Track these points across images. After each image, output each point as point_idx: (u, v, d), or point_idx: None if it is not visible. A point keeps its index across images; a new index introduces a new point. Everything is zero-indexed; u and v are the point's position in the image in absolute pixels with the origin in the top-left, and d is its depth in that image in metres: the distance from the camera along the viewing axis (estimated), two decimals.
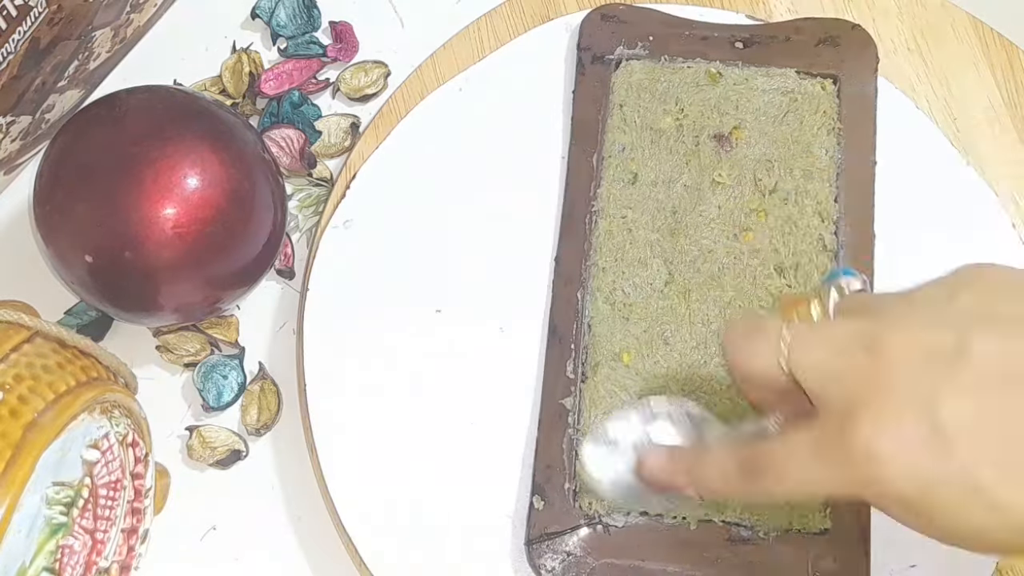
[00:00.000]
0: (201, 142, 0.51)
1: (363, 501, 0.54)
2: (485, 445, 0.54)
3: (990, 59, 0.60)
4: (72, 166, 0.51)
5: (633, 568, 0.51)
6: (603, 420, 0.49)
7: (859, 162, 0.57)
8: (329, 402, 0.55)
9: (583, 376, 0.54)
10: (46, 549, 0.43)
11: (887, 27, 0.60)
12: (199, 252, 0.51)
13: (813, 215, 0.56)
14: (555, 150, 0.59)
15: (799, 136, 0.57)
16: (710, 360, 0.54)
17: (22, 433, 0.42)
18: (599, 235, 0.56)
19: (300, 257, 0.59)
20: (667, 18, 0.60)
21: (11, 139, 0.56)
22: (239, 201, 0.52)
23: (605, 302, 0.55)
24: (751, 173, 0.57)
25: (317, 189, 0.60)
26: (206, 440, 0.56)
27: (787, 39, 0.59)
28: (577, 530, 0.52)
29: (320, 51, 0.62)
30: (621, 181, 0.57)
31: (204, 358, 0.57)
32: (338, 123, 0.61)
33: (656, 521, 0.52)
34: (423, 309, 0.56)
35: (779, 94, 0.58)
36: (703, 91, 0.58)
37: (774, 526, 0.52)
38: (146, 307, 0.53)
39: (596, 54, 0.59)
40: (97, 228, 0.50)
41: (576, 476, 0.52)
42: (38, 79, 0.54)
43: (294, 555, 0.55)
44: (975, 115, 0.59)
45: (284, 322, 0.59)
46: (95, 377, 0.47)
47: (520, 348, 0.56)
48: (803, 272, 0.55)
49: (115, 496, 0.47)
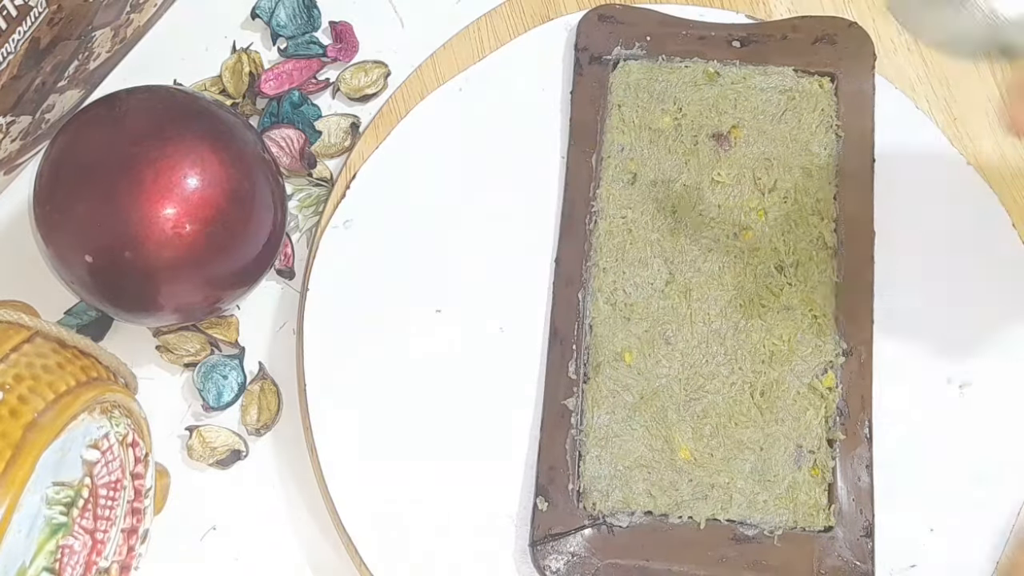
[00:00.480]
0: (201, 142, 0.51)
1: (363, 501, 0.54)
2: (486, 446, 0.54)
3: (990, 59, 0.60)
4: (72, 166, 0.51)
5: (638, 568, 0.51)
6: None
7: (858, 159, 0.57)
8: (329, 402, 0.55)
9: (585, 376, 0.54)
10: (46, 549, 0.43)
11: (887, 27, 0.60)
12: (199, 252, 0.51)
13: (812, 213, 0.56)
14: (555, 150, 0.59)
15: (797, 134, 0.57)
16: (712, 358, 0.54)
17: (22, 433, 0.42)
18: (599, 235, 0.56)
19: (300, 257, 0.59)
20: (664, 18, 0.60)
21: (11, 139, 0.56)
22: (239, 201, 0.52)
23: (606, 302, 0.55)
24: (750, 172, 0.57)
25: (317, 189, 0.60)
26: (206, 440, 0.56)
27: (784, 38, 0.59)
28: (581, 531, 0.52)
29: (320, 51, 0.62)
30: (620, 181, 0.57)
31: (204, 358, 0.57)
32: (338, 123, 0.61)
33: (660, 521, 0.52)
34: (423, 309, 0.56)
35: (777, 92, 0.58)
36: (701, 90, 0.58)
37: (778, 525, 0.52)
38: (146, 307, 0.53)
39: (594, 54, 0.59)
40: (97, 228, 0.50)
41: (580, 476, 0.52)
42: (38, 79, 0.54)
43: (294, 555, 0.55)
44: (975, 115, 0.60)
45: (284, 322, 0.59)
46: (95, 377, 0.47)
47: (521, 348, 0.56)
48: (803, 270, 0.55)
49: (115, 496, 0.47)
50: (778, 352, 0.54)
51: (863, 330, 0.55)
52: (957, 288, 0.56)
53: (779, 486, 0.52)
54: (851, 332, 0.54)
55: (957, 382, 0.55)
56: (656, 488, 0.52)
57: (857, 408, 0.53)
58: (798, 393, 0.54)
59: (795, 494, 0.52)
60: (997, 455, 0.54)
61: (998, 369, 0.55)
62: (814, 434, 0.53)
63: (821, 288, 0.55)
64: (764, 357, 0.54)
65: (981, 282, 0.56)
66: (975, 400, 0.55)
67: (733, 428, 0.53)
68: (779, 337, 0.54)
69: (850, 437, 0.53)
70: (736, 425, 0.53)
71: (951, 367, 0.55)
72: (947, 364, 0.56)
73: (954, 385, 0.55)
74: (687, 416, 0.53)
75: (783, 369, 0.54)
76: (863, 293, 0.55)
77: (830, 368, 0.54)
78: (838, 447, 0.53)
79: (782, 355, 0.54)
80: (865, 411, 0.53)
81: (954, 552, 0.53)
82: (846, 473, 0.52)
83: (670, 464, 0.53)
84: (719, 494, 0.52)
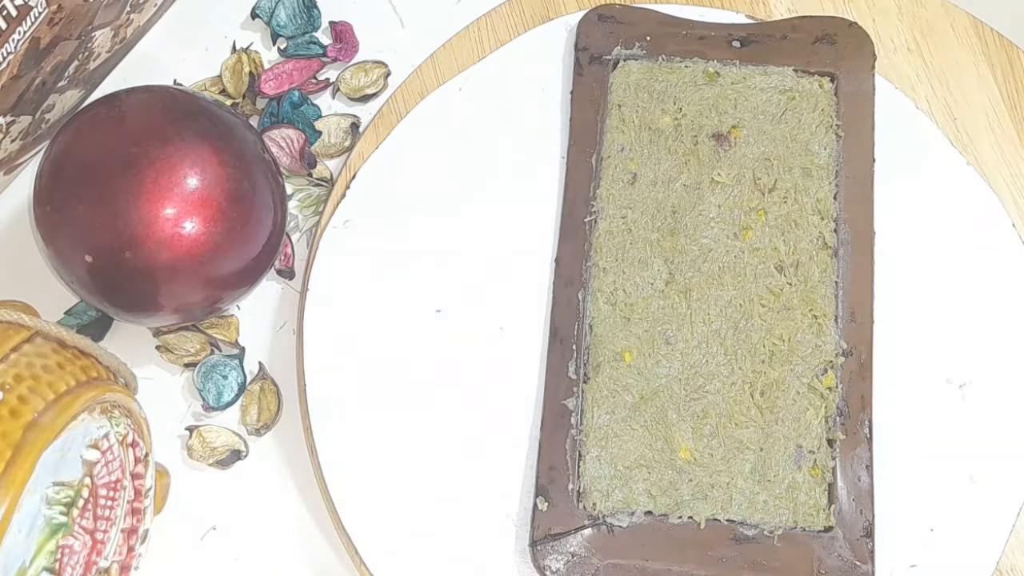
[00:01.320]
0: (201, 142, 0.51)
1: (363, 501, 0.54)
2: (486, 446, 0.54)
3: (990, 59, 0.60)
4: (72, 166, 0.51)
5: (638, 568, 0.51)
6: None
7: (858, 159, 0.57)
8: (329, 402, 0.55)
9: (585, 376, 0.54)
10: (46, 549, 0.43)
11: (887, 27, 0.60)
12: (199, 252, 0.51)
13: (812, 213, 0.56)
14: (555, 150, 0.59)
15: (797, 134, 0.57)
16: (712, 358, 0.54)
17: (22, 433, 0.42)
18: (599, 235, 0.56)
19: (300, 257, 0.59)
20: (664, 18, 0.60)
21: (11, 139, 0.56)
22: (239, 201, 0.52)
23: (606, 302, 0.55)
24: (750, 172, 0.57)
25: (317, 189, 0.60)
26: (206, 440, 0.56)
27: (784, 38, 0.59)
28: (581, 531, 0.52)
29: (320, 51, 0.62)
30: (620, 181, 0.57)
31: (204, 358, 0.57)
32: (338, 123, 0.61)
33: (660, 521, 0.52)
34: (423, 309, 0.56)
35: (777, 92, 0.58)
36: (701, 90, 0.58)
37: (778, 525, 0.52)
38: (146, 307, 0.53)
39: (594, 54, 0.59)
40: (97, 228, 0.50)
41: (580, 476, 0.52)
42: (38, 79, 0.54)
43: (294, 555, 0.55)
44: (975, 115, 0.60)
45: (284, 322, 0.59)
46: (95, 377, 0.47)
47: (521, 348, 0.56)
48: (803, 270, 0.55)
49: (115, 496, 0.47)
50: (778, 352, 0.54)
51: (863, 330, 0.55)
52: (957, 288, 0.56)
53: (779, 486, 0.52)
54: (851, 332, 0.54)
55: (957, 382, 0.55)
56: (656, 488, 0.53)
57: (857, 408, 0.53)
58: (798, 393, 0.54)
59: (795, 494, 0.52)
60: (997, 455, 0.54)
61: (998, 369, 0.55)
62: (814, 434, 0.53)
63: (821, 288, 0.55)
64: (764, 357, 0.54)
65: (981, 282, 0.57)
66: (975, 400, 0.55)
67: (733, 428, 0.53)
68: (779, 337, 0.54)
69: (850, 437, 0.53)
70: (736, 425, 0.53)
71: (951, 367, 0.56)
72: (947, 364, 0.56)
73: (954, 385, 0.55)
74: (687, 416, 0.53)
75: (783, 369, 0.54)
76: (863, 293, 0.55)
77: (830, 368, 0.54)
78: (838, 447, 0.53)
79: (782, 355, 0.54)
80: (865, 411, 0.53)
81: (954, 552, 0.53)
82: (846, 473, 0.52)
83: (670, 464, 0.53)
84: (719, 494, 0.52)
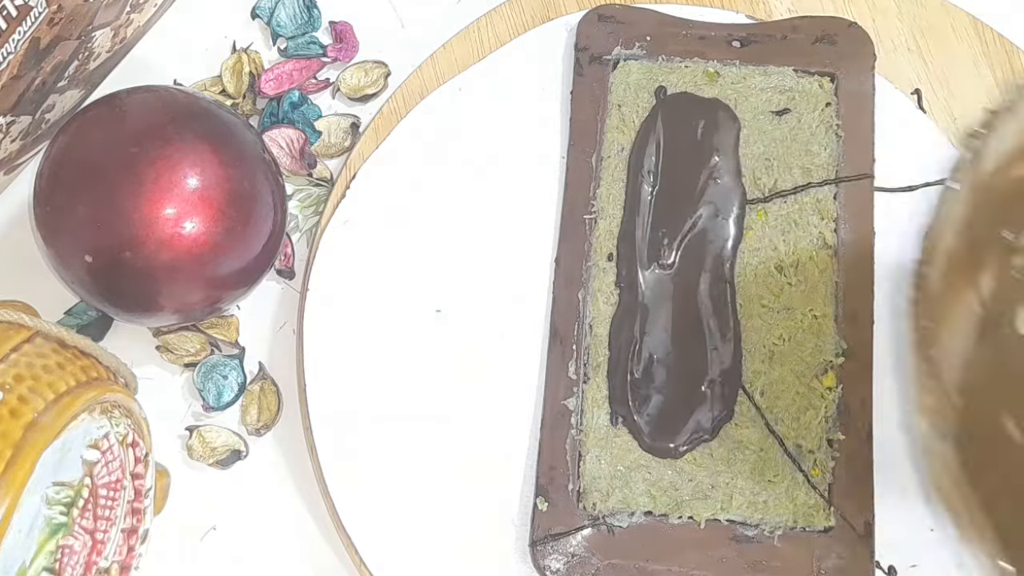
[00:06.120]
0: (201, 142, 0.51)
1: (363, 501, 0.54)
2: (486, 446, 0.54)
3: (990, 59, 0.60)
4: (72, 166, 0.51)
5: (638, 568, 0.51)
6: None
7: (858, 159, 0.57)
8: (329, 402, 0.55)
9: (585, 376, 0.54)
10: (46, 549, 0.43)
11: (887, 27, 0.60)
12: (199, 252, 0.51)
13: (812, 213, 0.56)
14: (555, 150, 0.59)
15: (797, 134, 0.57)
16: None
17: (22, 433, 0.42)
18: (599, 235, 0.56)
19: (300, 257, 0.59)
20: (664, 18, 0.60)
21: (11, 139, 0.56)
22: (239, 201, 0.52)
23: (606, 302, 0.55)
24: (750, 172, 0.57)
25: (317, 189, 0.60)
26: (206, 440, 0.56)
27: (784, 38, 0.59)
28: (581, 531, 0.52)
29: (320, 51, 0.62)
30: (620, 181, 0.57)
31: (204, 358, 0.57)
32: (338, 123, 0.61)
33: (660, 521, 0.52)
34: (423, 309, 0.56)
35: (777, 92, 0.58)
36: (701, 91, 0.58)
37: (778, 525, 0.52)
38: (146, 307, 0.53)
39: (594, 54, 0.59)
40: (97, 228, 0.50)
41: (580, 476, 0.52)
42: (38, 79, 0.54)
43: (294, 555, 0.55)
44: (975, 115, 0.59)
45: (284, 322, 0.59)
46: (95, 377, 0.47)
47: (521, 348, 0.56)
48: (803, 270, 0.55)
49: (115, 496, 0.47)
50: (778, 352, 0.54)
51: (863, 330, 0.55)
52: None
53: (779, 486, 0.52)
54: (851, 332, 0.54)
55: None
56: (656, 488, 0.53)
57: (857, 408, 0.53)
58: (798, 393, 0.54)
59: (795, 494, 0.52)
60: None
61: None
62: (814, 434, 0.53)
63: (821, 288, 0.55)
64: (764, 357, 0.54)
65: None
66: None
67: (733, 428, 0.53)
68: (779, 337, 0.54)
69: (850, 437, 0.53)
70: (736, 425, 0.53)
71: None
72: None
73: None
74: None
75: (783, 369, 0.54)
76: (863, 293, 0.55)
77: (830, 368, 0.54)
78: (838, 447, 0.53)
79: (782, 355, 0.54)
80: (865, 411, 0.53)
81: (954, 552, 0.53)
82: (846, 473, 0.52)
83: (670, 464, 0.53)
84: (719, 494, 0.52)
